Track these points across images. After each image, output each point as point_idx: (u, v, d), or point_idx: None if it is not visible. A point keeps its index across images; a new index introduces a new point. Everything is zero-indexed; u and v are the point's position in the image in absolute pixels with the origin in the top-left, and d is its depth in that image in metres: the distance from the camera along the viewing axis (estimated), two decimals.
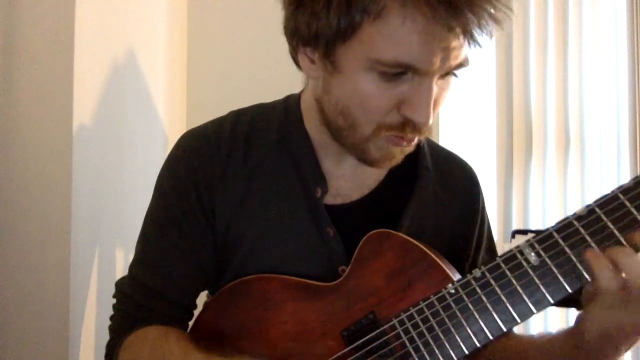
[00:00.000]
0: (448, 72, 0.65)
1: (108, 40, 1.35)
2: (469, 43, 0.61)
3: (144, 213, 0.83)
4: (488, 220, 0.91)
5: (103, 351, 0.80)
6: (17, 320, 1.17)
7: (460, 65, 0.65)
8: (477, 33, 0.60)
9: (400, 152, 0.72)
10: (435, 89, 0.65)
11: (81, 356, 1.21)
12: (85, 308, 1.23)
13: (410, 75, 0.63)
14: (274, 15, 0.72)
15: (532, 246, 0.62)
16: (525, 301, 0.61)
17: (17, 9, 1.17)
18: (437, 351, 0.64)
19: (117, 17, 1.40)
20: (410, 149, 0.72)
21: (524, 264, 0.62)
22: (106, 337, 0.81)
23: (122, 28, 1.43)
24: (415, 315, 0.66)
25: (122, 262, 1.39)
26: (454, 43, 0.61)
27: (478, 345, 0.63)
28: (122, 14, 1.42)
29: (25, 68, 1.18)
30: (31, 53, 1.18)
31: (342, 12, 0.61)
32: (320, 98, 0.72)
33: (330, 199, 0.79)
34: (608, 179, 1.87)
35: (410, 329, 0.66)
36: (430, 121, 0.65)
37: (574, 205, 1.86)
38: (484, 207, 0.90)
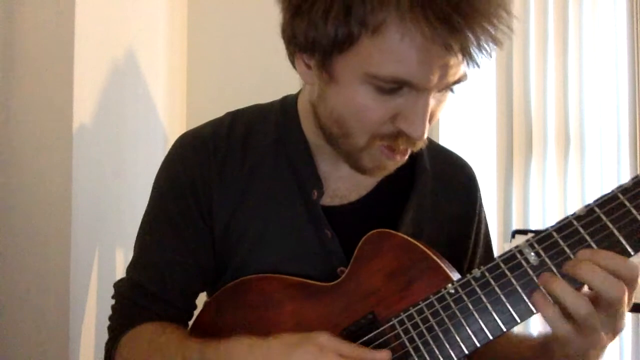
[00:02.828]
0: (445, 88, 0.65)
1: (108, 40, 1.35)
2: (467, 63, 0.61)
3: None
4: (485, 218, 0.91)
5: (103, 351, 0.80)
6: (17, 320, 1.16)
7: (458, 81, 0.64)
8: (475, 53, 0.59)
9: (393, 164, 0.72)
10: (432, 102, 0.64)
11: (81, 356, 1.21)
12: (85, 308, 1.23)
13: (407, 89, 0.63)
14: (274, 15, 0.72)
15: (531, 246, 0.62)
16: (525, 301, 0.61)
17: (17, 9, 1.17)
18: (436, 351, 0.64)
19: (117, 17, 1.40)
20: (402, 161, 0.72)
21: (524, 263, 0.62)
22: (106, 337, 0.81)
23: (122, 28, 1.43)
24: (415, 315, 0.66)
25: (122, 263, 1.39)
26: (453, 61, 0.61)
27: (478, 345, 0.63)
28: (122, 14, 1.42)
29: (25, 68, 1.18)
30: (31, 53, 1.18)
31: (340, 23, 0.60)
32: (315, 103, 0.72)
33: (328, 200, 0.79)
34: (608, 179, 1.87)
35: (410, 329, 0.66)
36: (425, 135, 0.65)
37: (574, 205, 1.86)
38: (482, 205, 0.90)
